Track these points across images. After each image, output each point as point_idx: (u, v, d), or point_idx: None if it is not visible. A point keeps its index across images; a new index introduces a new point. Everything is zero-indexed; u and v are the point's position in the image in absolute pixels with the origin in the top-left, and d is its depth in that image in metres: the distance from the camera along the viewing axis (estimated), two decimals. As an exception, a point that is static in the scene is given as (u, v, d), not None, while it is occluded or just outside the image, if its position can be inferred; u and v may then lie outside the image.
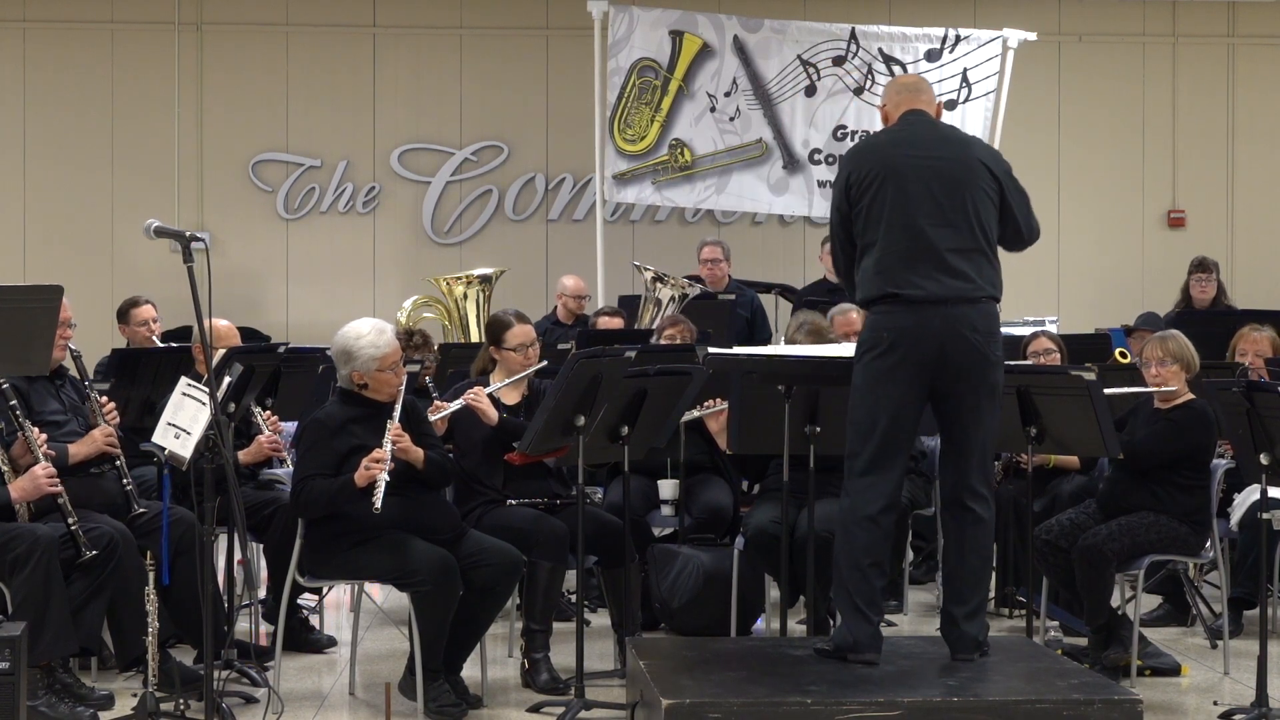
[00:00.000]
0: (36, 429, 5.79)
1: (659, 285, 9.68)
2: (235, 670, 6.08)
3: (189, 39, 12.42)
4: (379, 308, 11.55)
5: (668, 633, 7.08)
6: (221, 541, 6.72)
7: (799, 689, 4.91)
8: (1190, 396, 6.56)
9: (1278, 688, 6.13)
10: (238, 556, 6.82)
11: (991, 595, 7.90)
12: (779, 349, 6.54)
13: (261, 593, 7.26)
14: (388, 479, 5.67)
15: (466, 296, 10.90)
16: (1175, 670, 6.52)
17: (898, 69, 10.63)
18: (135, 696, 5.56)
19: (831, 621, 6.42)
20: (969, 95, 10.60)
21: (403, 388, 5.91)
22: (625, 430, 5.93)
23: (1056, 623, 7.02)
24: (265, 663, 6.24)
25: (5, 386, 5.75)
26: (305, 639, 6.98)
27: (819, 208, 10.82)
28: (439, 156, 12.60)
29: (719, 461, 7.40)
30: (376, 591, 7.46)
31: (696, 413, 6.93)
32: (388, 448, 5.73)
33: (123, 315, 8.46)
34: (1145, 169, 12.98)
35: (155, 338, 8.29)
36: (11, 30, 12.37)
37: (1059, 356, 7.63)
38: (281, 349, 7.09)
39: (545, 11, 12.66)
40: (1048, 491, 7.33)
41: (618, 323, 9.07)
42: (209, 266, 5.34)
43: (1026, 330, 8.55)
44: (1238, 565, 7.27)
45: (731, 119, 10.60)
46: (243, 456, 6.75)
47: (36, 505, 5.76)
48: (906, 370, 5.29)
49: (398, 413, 5.85)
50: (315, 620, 7.28)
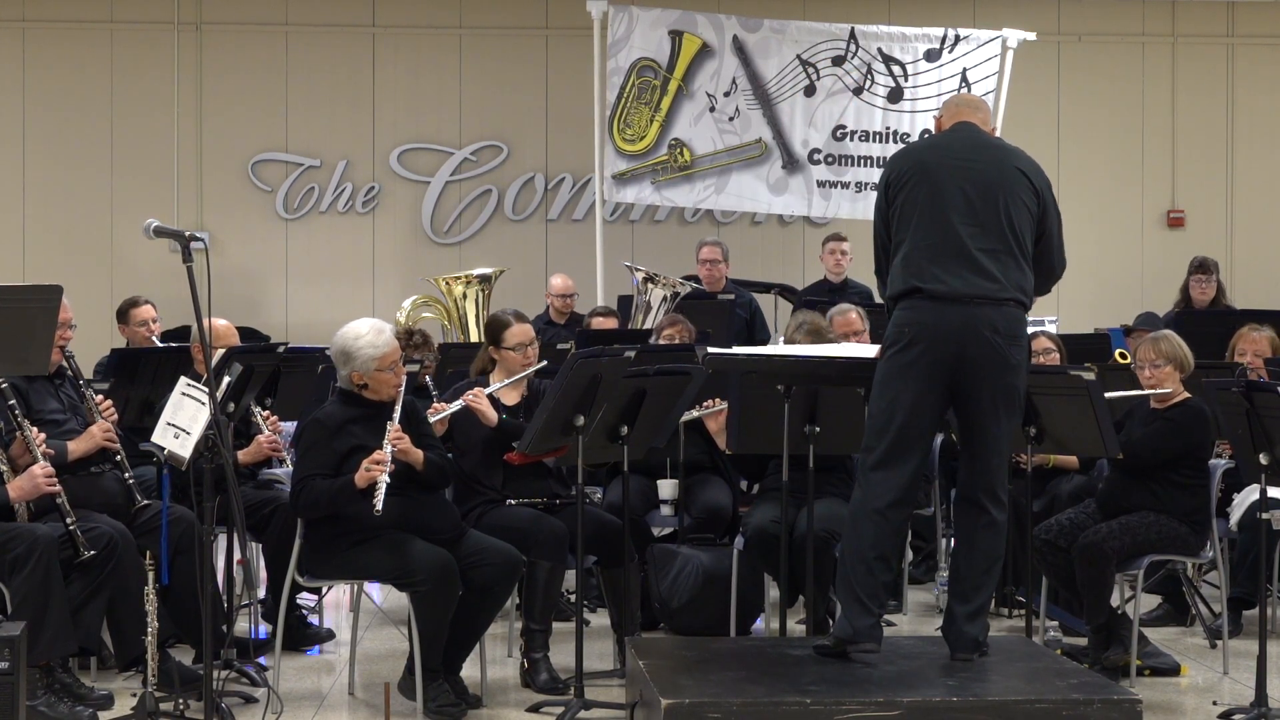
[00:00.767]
0: (35, 428, 5.79)
1: (650, 286, 9.67)
2: (234, 670, 6.08)
3: (188, 39, 12.43)
4: (378, 307, 11.55)
5: (667, 632, 7.08)
6: (221, 541, 6.72)
7: (798, 689, 4.91)
8: (1186, 395, 6.57)
9: (1277, 688, 6.13)
10: (237, 556, 6.83)
11: (992, 595, 7.92)
12: (778, 349, 6.54)
13: (261, 592, 7.26)
14: (388, 480, 5.67)
15: (466, 296, 10.90)
16: (1175, 670, 6.51)
17: (897, 69, 10.64)
18: (135, 696, 5.56)
19: (831, 621, 6.43)
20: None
21: (402, 388, 5.91)
22: (625, 430, 5.93)
23: (1056, 622, 7.02)
24: (263, 661, 6.24)
25: (4, 386, 5.75)
26: (305, 635, 6.98)
27: (818, 208, 10.84)
28: (438, 156, 12.60)
29: (718, 461, 7.40)
30: (376, 591, 7.46)
31: (696, 413, 6.93)
32: (388, 449, 5.73)
33: (122, 315, 8.46)
34: (1145, 169, 12.99)
35: (155, 338, 8.29)
36: (11, 30, 12.38)
37: (1058, 356, 7.63)
38: (281, 349, 7.09)
39: (545, 11, 12.66)
40: (1047, 491, 7.33)
41: (611, 323, 9.07)
42: (208, 266, 5.33)
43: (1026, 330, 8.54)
44: (1237, 565, 7.27)
45: (731, 119, 10.60)
46: (242, 456, 6.75)
47: (36, 505, 5.76)
48: (925, 367, 5.28)
49: (398, 414, 5.85)
50: (315, 620, 7.27)
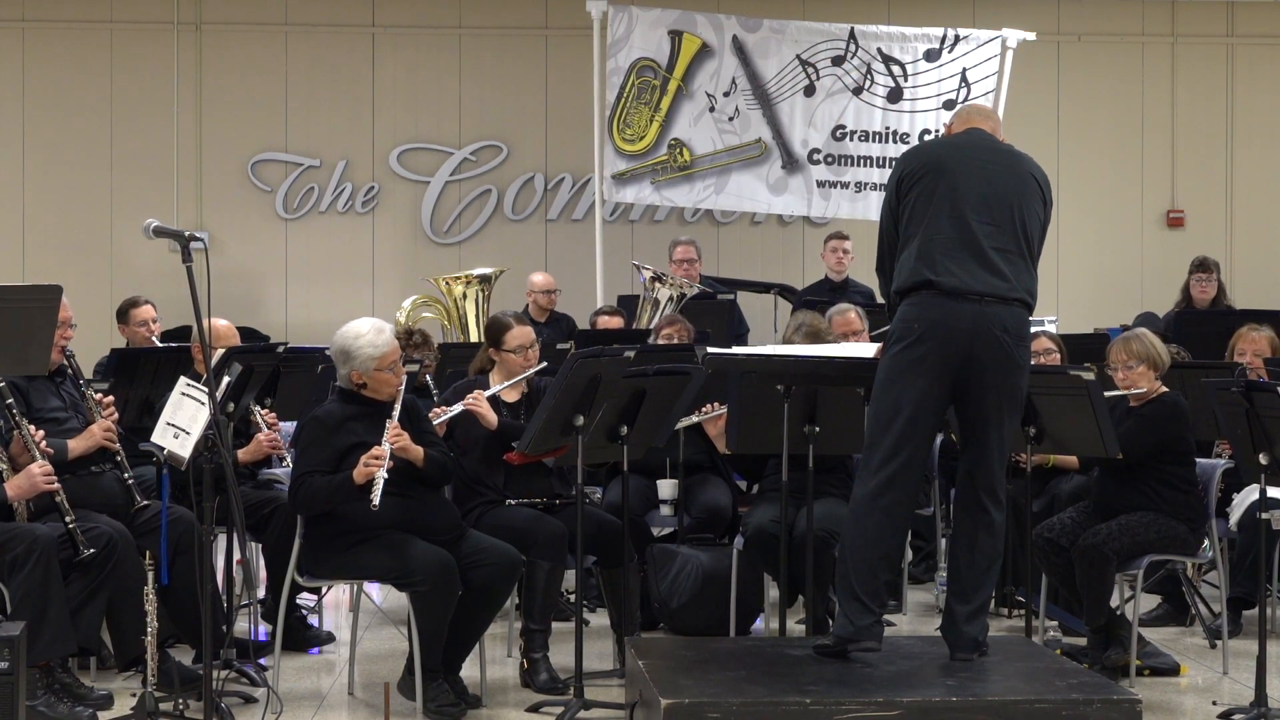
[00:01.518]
0: (34, 427, 5.79)
1: (657, 285, 9.68)
2: (234, 670, 6.08)
3: (188, 39, 12.42)
4: (378, 307, 11.55)
5: (667, 632, 7.08)
6: (220, 541, 6.72)
7: (798, 689, 4.91)
8: (1162, 390, 6.58)
9: (1277, 688, 6.14)
10: (236, 556, 6.83)
11: (992, 595, 7.92)
12: (778, 349, 6.54)
13: (260, 592, 7.26)
14: (386, 476, 5.67)
15: (466, 296, 10.90)
16: (1174, 670, 6.52)
17: (897, 69, 10.64)
18: (134, 696, 5.56)
19: (830, 621, 6.43)
20: (968, 95, 10.60)
21: (402, 387, 5.91)
22: (624, 430, 5.93)
23: (1056, 622, 7.02)
24: (263, 661, 6.24)
25: (2, 385, 5.74)
26: (304, 636, 6.98)
27: (818, 207, 10.84)
28: (438, 156, 12.60)
29: (718, 461, 7.40)
30: (376, 591, 7.46)
31: (695, 418, 6.92)
32: (386, 446, 5.73)
33: (122, 315, 8.46)
34: (1144, 169, 12.98)
35: (154, 338, 8.29)
36: (11, 30, 12.37)
37: (1058, 356, 7.64)
38: (280, 349, 7.09)
39: (544, 11, 12.66)
40: (1047, 491, 7.33)
41: (617, 322, 9.06)
42: (208, 266, 5.33)
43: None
44: (1237, 565, 7.27)
45: (730, 119, 10.60)
46: (242, 456, 6.75)
47: (35, 504, 5.76)
48: (932, 364, 5.28)
49: (397, 411, 5.86)
50: (314, 620, 7.28)
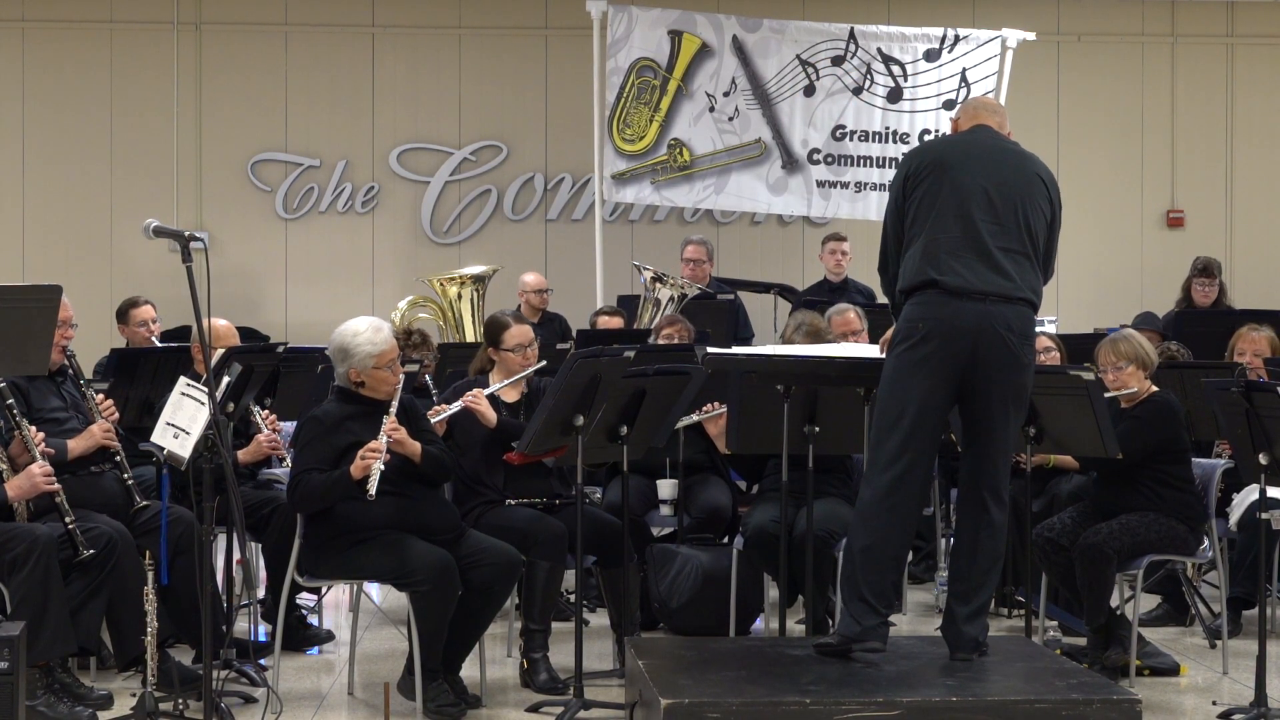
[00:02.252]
0: (34, 428, 5.79)
1: (658, 285, 9.68)
2: (234, 670, 6.08)
3: (188, 39, 12.42)
4: (378, 307, 11.54)
5: (666, 632, 7.08)
6: (220, 541, 6.72)
7: (798, 689, 4.91)
8: (1153, 390, 6.58)
9: (1276, 687, 6.14)
10: (236, 556, 6.83)
11: (993, 595, 7.92)
12: (778, 349, 6.54)
13: (260, 592, 7.26)
14: (382, 468, 5.67)
15: (461, 297, 10.90)
16: (1174, 670, 6.52)
17: (896, 69, 10.64)
18: (134, 696, 5.56)
19: (830, 621, 6.43)
20: (968, 95, 10.57)
21: (400, 386, 5.92)
22: (624, 430, 5.93)
23: (1055, 622, 7.02)
24: (263, 661, 6.24)
25: (3, 386, 5.74)
26: (304, 636, 6.98)
27: (817, 208, 10.84)
28: (438, 156, 12.60)
29: (718, 461, 7.40)
30: (375, 591, 7.46)
31: (695, 417, 6.93)
32: (383, 439, 5.74)
33: (122, 315, 8.46)
34: (1144, 169, 12.98)
35: (154, 338, 8.28)
36: (10, 30, 12.37)
37: (1058, 356, 7.64)
38: (280, 349, 7.08)
39: (544, 11, 12.66)
40: (1047, 491, 7.33)
41: (617, 322, 9.06)
42: (208, 266, 5.33)
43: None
44: (1236, 565, 7.27)
45: (730, 119, 10.60)
46: (241, 456, 6.75)
47: (35, 505, 5.76)
48: (938, 362, 5.28)
49: (394, 407, 5.86)
50: (314, 620, 7.28)
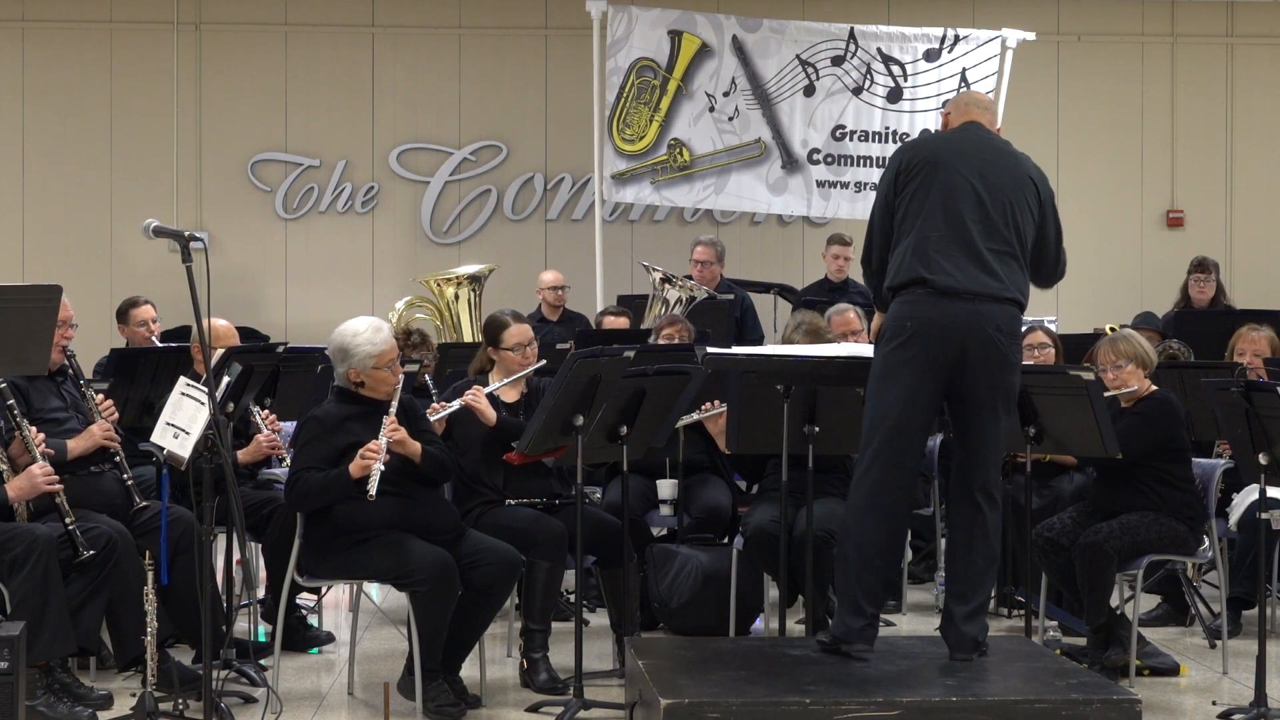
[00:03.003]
0: (34, 429, 5.79)
1: (666, 286, 9.67)
2: (234, 670, 6.08)
3: (188, 39, 12.43)
4: (378, 307, 11.54)
5: (666, 632, 7.08)
6: (220, 541, 6.72)
7: (798, 689, 4.91)
8: (1153, 389, 6.58)
9: (1276, 688, 6.14)
10: (236, 556, 6.82)
11: (991, 595, 7.92)
12: (778, 349, 6.54)
13: (260, 592, 7.26)
14: (382, 469, 5.67)
15: (458, 297, 10.90)
16: (1174, 670, 6.52)
17: (896, 69, 10.64)
18: (134, 696, 5.56)
19: (830, 621, 6.43)
20: (967, 95, 10.59)
21: (399, 386, 5.92)
22: (624, 430, 5.93)
23: (1055, 622, 7.02)
24: (263, 661, 6.24)
25: (3, 386, 5.74)
26: (304, 636, 6.98)
27: (817, 208, 10.84)
28: (437, 156, 12.60)
29: (718, 461, 7.40)
30: (375, 591, 7.46)
31: (695, 416, 6.93)
32: (383, 440, 5.74)
33: (122, 315, 8.46)
34: (1144, 169, 12.99)
35: (154, 338, 8.28)
36: (10, 30, 12.37)
37: (1053, 353, 7.66)
38: (280, 349, 7.07)
39: (544, 11, 12.66)
40: (1051, 489, 7.29)
41: (623, 322, 9.03)
42: (208, 266, 5.33)
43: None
44: (1236, 565, 7.27)
45: (730, 119, 10.60)
46: (241, 456, 6.75)
47: (35, 505, 5.76)
48: (925, 362, 5.29)
49: (394, 407, 5.86)
50: (314, 620, 7.28)
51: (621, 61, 10.47)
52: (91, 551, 5.67)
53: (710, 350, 6.32)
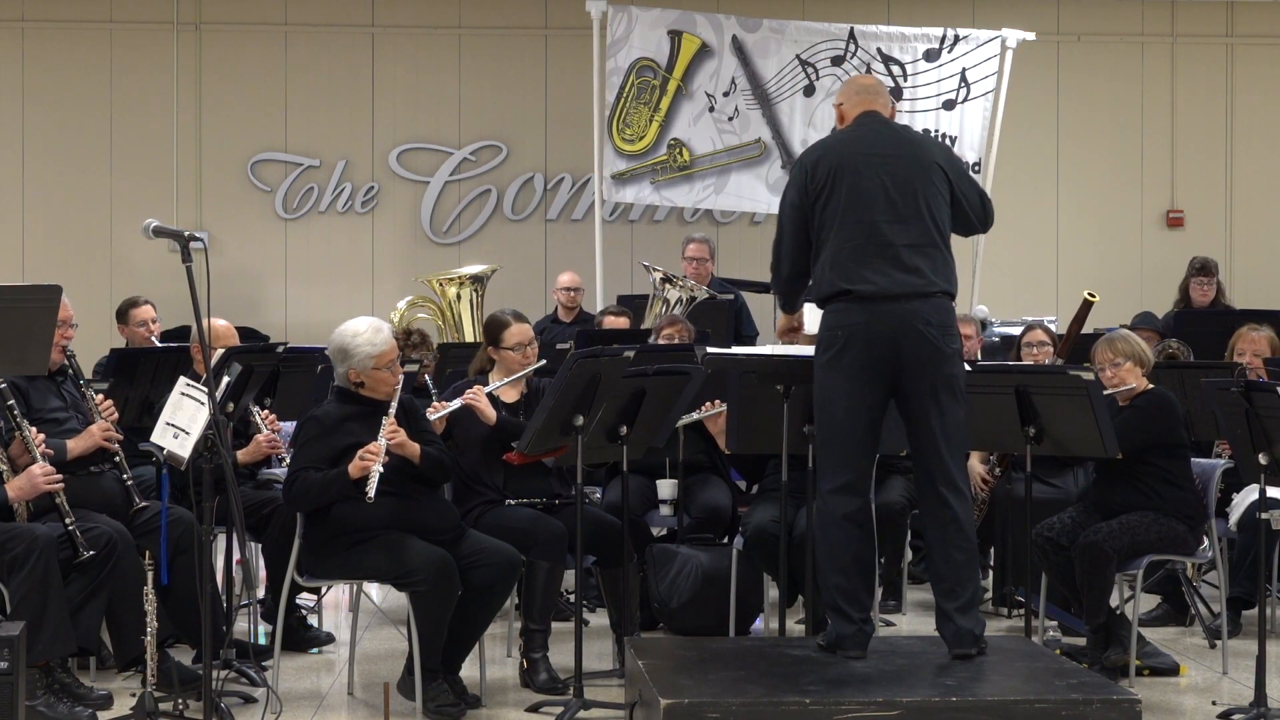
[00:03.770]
0: (34, 429, 5.79)
1: (667, 286, 9.67)
2: (234, 670, 6.08)
3: (187, 39, 12.42)
4: (377, 307, 11.54)
5: (666, 632, 7.08)
6: (220, 541, 6.72)
7: (797, 689, 4.91)
8: (1149, 386, 6.59)
9: (1276, 688, 6.14)
10: (236, 556, 6.82)
11: (990, 595, 7.92)
12: (777, 349, 6.53)
13: (260, 592, 7.26)
14: (381, 470, 5.67)
15: (460, 297, 10.89)
16: (1174, 670, 6.52)
17: (896, 69, 10.64)
18: (134, 696, 5.56)
19: (830, 621, 6.43)
20: (968, 95, 10.59)
21: (399, 386, 5.92)
22: (624, 430, 5.93)
23: (1055, 622, 7.02)
24: (263, 662, 6.24)
25: (3, 386, 5.74)
26: (304, 636, 6.98)
27: (817, 208, 10.82)
28: (437, 156, 12.60)
29: (717, 461, 7.40)
30: (375, 591, 7.46)
31: (696, 415, 6.93)
32: (383, 441, 5.74)
33: (122, 315, 8.45)
34: (1144, 169, 12.98)
35: (154, 338, 8.28)
36: (10, 30, 12.37)
37: (1052, 350, 7.67)
38: (280, 349, 7.07)
39: (544, 11, 12.66)
40: (1054, 486, 7.26)
41: (623, 322, 9.03)
42: (207, 266, 5.33)
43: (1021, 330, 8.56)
44: (1236, 565, 7.27)
45: (730, 119, 10.60)
46: (241, 456, 6.74)
47: (35, 505, 5.76)
48: (863, 367, 5.31)
49: (394, 408, 5.86)
50: (314, 620, 7.28)
51: (621, 61, 10.47)
52: (91, 552, 5.67)
53: (710, 350, 6.32)
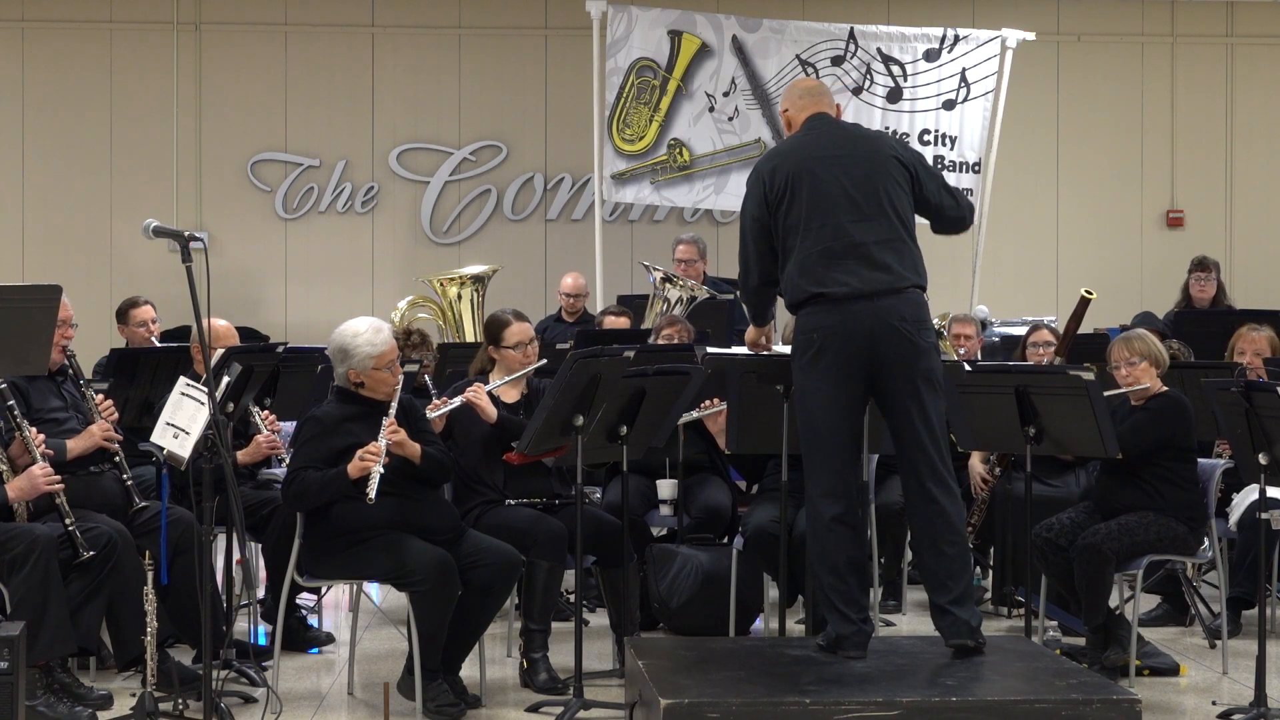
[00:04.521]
0: (34, 429, 5.79)
1: (668, 286, 9.66)
2: (234, 670, 6.08)
3: (187, 39, 12.43)
4: (377, 307, 11.54)
5: (666, 632, 7.08)
6: (220, 541, 6.72)
7: (797, 689, 4.91)
8: (1164, 389, 6.59)
9: (1276, 688, 6.14)
10: (236, 556, 6.82)
11: (990, 595, 7.92)
12: (777, 349, 6.54)
13: (260, 592, 7.26)
14: (382, 471, 5.67)
15: (461, 297, 10.89)
16: (1174, 670, 6.51)
17: (896, 69, 10.64)
18: (134, 696, 5.55)
19: (829, 621, 6.43)
20: (967, 95, 10.60)
21: (399, 387, 5.92)
22: (624, 430, 5.93)
23: (1055, 622, 7.02)
24: (263, 662, 6.24)
25: (3, 387, 5.74)
26: (304, 636, 6.98)
27: (817, 207, 10.81)
28: (437, 156, 12.60)
29: (717, 461, 7.40)
30: (375, 591, 7.46)
31: (695, 414, 6.93)
32: (383, 442, 5.74)
33: (122, 315, 8.45)
34: (1144, 169, 12.98)
35: (154, 338, 8.27)
36: (10, 30, 12.38)
37: (1054, 349, 7.68)
38: (280, 349, 7.08)
39: (544, 11, 12.66)
40: (1053, 485, 7.25)
41: (624, 322, 9.02)
42: (207, 266, 5.33)
43: (1026, 330, 8.56)
44: (1236, 565, 7.27)
45: (730, 119, 10.60)
46: (241, 456, 6.74)
47: (35, 505, 5.76)
48: (840, 368, 5.32)
49: (394, 408, 5.86)
50: (314, 620, 7.28)
51: (621, 61, 10.47)
52: (91, 552, 5.67)
53: (710, 350, 6.33)
